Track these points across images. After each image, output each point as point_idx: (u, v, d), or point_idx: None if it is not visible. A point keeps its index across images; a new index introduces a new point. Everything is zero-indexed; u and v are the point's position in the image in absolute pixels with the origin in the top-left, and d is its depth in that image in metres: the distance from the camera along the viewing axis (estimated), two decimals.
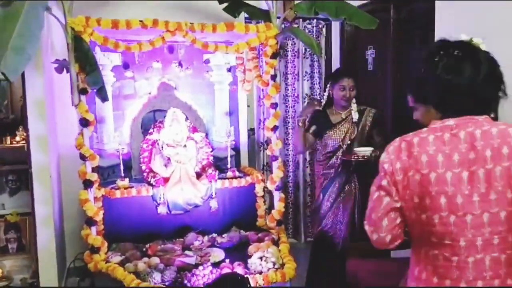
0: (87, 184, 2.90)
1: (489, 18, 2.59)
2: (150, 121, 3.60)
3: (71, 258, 3.51)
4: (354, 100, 2.99)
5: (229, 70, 3.77)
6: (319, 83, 4.27)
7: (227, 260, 2.91)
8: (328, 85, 3.08)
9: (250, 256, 2.93)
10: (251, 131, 4.31)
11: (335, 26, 4.28)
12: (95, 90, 2.88)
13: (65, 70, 2.90)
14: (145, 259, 2.88)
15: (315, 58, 4.22)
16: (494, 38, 2.56)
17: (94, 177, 2.95)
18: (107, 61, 3.39)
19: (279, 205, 3.36)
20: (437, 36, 2.98)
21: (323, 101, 3.11)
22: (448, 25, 2.91)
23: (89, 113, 2.88)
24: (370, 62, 3.94)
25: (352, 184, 2.98)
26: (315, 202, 3.18)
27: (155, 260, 2.85)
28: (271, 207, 3.66)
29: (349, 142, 2.97)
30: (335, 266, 2.73)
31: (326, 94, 3.08)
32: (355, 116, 2.98)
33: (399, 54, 3.54)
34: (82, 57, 2.79)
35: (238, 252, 3.09)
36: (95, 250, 2.91)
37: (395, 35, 3.54)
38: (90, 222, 2.92)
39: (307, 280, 3.08)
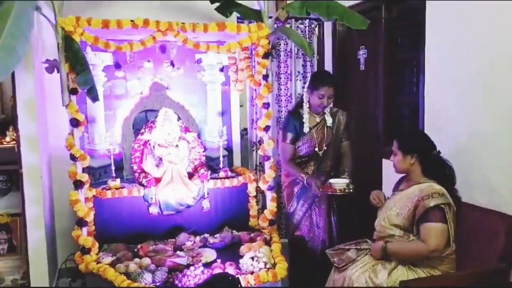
0: (78, 184, 2.89)
1: (479, 17, 2.60)
2: (142, 121, 3.58)
3: (62, 258, 3.51)
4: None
5: (221, 70, 3.77)
6: None
7: (219, 261, 2.90)
8: (305, 88, 3.01)
9: (242, 256, 2.93)
10: (244, 131, 4.30)
11: (328, 26, 4.28)
12: (85, 90, 2.86)
13: (55, 70, 2.89)
14: (136, 259, 2.87)
15: (308, 58, 4.22)
16: (483, 36, 2.59)
17: (85, 177, 2.93)
18: (98, 61, 3.38)
19: (271, 205, 3.36)
20: (428, 35, 3.01)
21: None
22: (439, 23, 2.92)
23: (79, 113, 2.87)
24: (362, 62, 3.94)
25: None
26: (288, 207, 3.15)
27: (146, 260, 2.84)
28: (263, 207, 3.66)
29: (325, 148, 2.97)
30: (315, 271, 2.70)
31: (305, 97, 3.01)
32: (329, 120, 2.97)
33: (391, 53, 3.54)
34: (73, 57, 2.79)
35: (230, 252, 3.08)
36: (86, 251, 2.90)
37: (387, 34, 3.54)
38: (81, 222, 2.91)
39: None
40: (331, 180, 2.82)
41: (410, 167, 2.34)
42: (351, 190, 2.67)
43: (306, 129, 2.97)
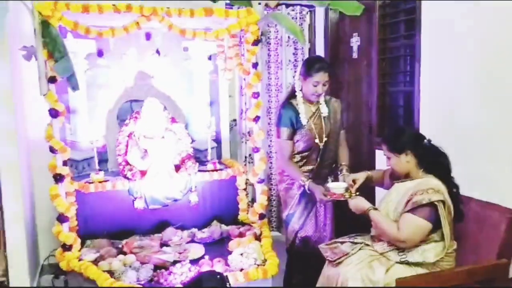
0: (58, 178, 2.75)
1: (474, 3, 2.50)
2: (127, 111, 3.45)
3: (46, 254, 3.38)
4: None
5: (209, 58, 3.64)
6: None
7: (207, 257, 2.78)
8: (297, 76, 2.82)
9: (230, 252, 2.82)
10: (233, 122, 4.18)
11: (319, 13, 4.15)
12: (65, 79, 2.71)
13: (34, 58, 2.74)
14: (121, 256, 2.75)
15: (299, 46, 4.09)
16: (482, 23, 2.48)
17: (65, 170, 2.79)
18: (79, 48, 3.23)
19: (261, 198, 3.25)
20: (424, 22, 2.90)
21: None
22: (434, 10, 2.81)
23: (58, 103, 2.72)
24: (355, 50, 3.82)
25: None
26: (288, 208, 2.91)
27: (131, 257, 2.71)
28: (253, 200, 3.55)
29: (325, 138, 2.81)
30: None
31: (297, 86, 2.80)
32: (325, 111, 2.81)
33: (384, 41, 3.43)
34: (50, 43, 2.63)
35: (219, 247, 2.97)
36: (67, 247, 2.77)
37: (380, 21, 3.43)
38: (61, 218, 2.77)
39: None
40: (329, 185, 2.59)
41: (408, 165, 2.23)
42: (357, 194, 2.51)
43: (303, 120, 2.76)
